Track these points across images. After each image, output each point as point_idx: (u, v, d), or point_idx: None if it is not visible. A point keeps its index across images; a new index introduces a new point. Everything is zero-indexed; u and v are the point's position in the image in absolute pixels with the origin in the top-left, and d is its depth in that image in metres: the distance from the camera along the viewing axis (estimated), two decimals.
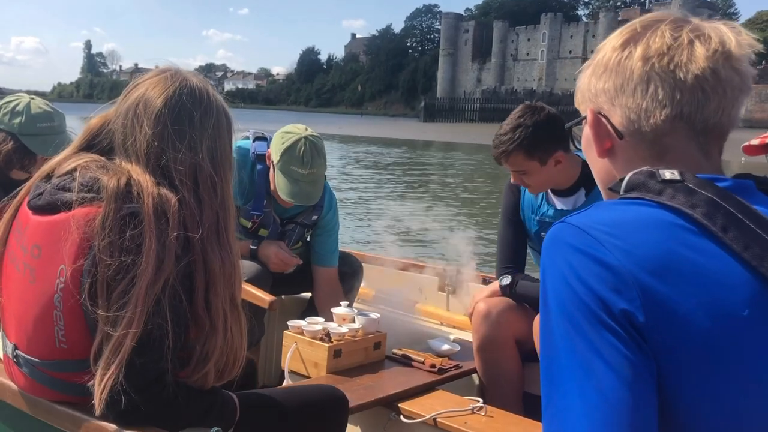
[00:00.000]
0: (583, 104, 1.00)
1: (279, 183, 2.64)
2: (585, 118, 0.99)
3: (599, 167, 1.00)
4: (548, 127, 2.36)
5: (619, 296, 0.78)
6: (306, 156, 2.59)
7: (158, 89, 1.40)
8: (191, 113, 1.40)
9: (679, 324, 0.78)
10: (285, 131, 2.69)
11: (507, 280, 2.52)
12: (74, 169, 1.39)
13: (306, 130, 2.69)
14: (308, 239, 2.97)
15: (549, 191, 2.54)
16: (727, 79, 0.88)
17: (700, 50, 0.88)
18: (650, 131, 0.91)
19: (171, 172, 1.37)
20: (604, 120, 0.95)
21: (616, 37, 0.95)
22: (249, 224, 2.80)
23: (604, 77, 0.94)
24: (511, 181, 2.53)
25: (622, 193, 0.90)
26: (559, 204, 2.52)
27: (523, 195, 2.63)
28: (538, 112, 2.40)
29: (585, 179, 2.47)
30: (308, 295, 3.00)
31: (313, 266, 2.91)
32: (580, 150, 1.05)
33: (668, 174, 0.86)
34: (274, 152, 2.65)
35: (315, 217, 2.88)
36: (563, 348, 0.80)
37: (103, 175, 1.35)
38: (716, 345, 0.78)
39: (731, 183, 0.87)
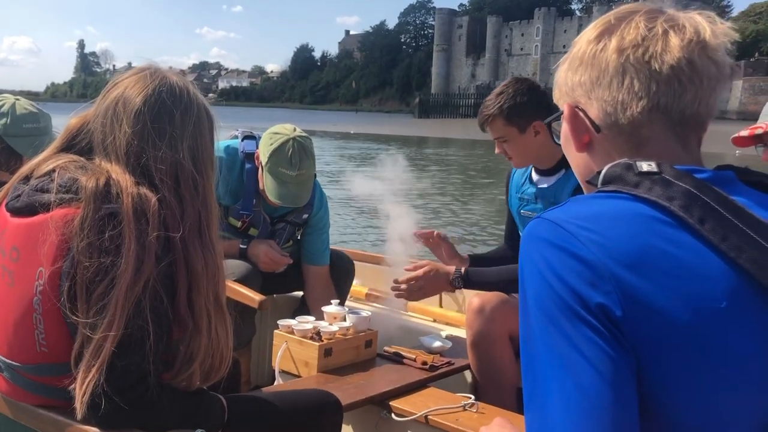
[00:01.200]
0: (561, 99, 0.99)
1: (267, 184, 2.62)
2: (563, 112, 0.98)
3: (578, 162, 0.99)
4: (528, 95, 2.44)
5: (595, 290, 0.77)
6: (294, 157, 2.57)
7: (137, 87, 1.39)
8: (171, 111, 1.38)
9: (656, 317, 0.77)
10: (273, 132, 2.66)
11: (458, 281, 2.48)
12: (53, 170, 1.37)
13: (294, 130, 2.67)
14: (299, 238, 2.95)
15: (533, 171, 2.58)
16: (703, 69, 0.87)
17: (674, 40, 0.87)
18: (627, 123, 0.90)
19: (151, 171, 1.35)
20: (581, 114, 0.95)
21: (591, 30, 0.94)
22: (239, 224, 2.78)
23: (580, 70, 0.94)
24: (496, 151, 2.56)
25: (599, 186, 0.89)
26: (539, 182, 2.56)
27: (511, 178, 2.71)
28: (522, 82, 2.51)
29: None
30: (300, 294, 2.98)
31: (304, 265, 2.89)
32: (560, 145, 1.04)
33: (645, 166, 0.85)
34: (263, 153, 2.63)
35: (305, 216, 2.86)
36: (542, 343, 0.80)
37: (81, 175, 1.33)
38: (695, 338, 0.77)
39: (710, 174, 0.86)
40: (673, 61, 0.86)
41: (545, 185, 2.52)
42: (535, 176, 2.59)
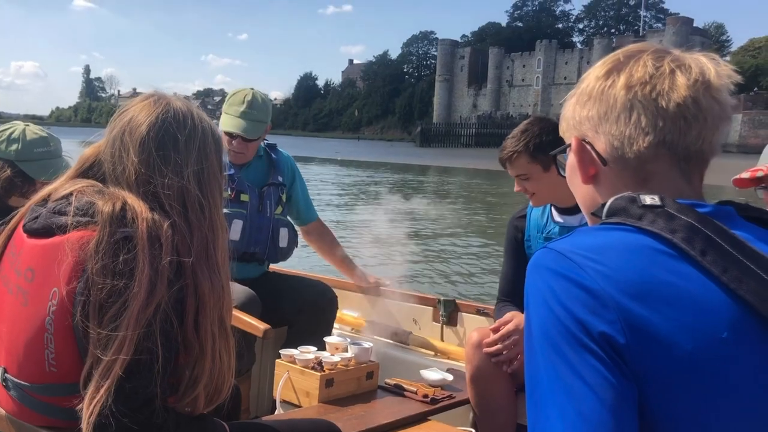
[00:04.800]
0: (567, 132, 1.02)
1: (222, 121, 2.96)
2: (570, 145, 1.01)
3: (583, 193, 1.02)
4: (554, 134, 2.41)
5: (599, 319, 0.79)
6: (248, 98, 2.94)
7: (142, 116, 1.42)
8: (175, 138, 1.41)
9: (659, 347, 0.79)
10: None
11: None
12: (70, 194, 1.40)
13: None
14: (284, 201, 3.14)
15: (553, 210, 2.55)
16: (708, 108, 0.91)
17: (681, 79, 0.91)
18: (634, 158, 0.94)
19: (161, 198, 1.38)
20: (588, 147, 0.98)
21: (600, 67, 0.98)
22: (228, 193, 2.94)
23: (588, 105, 0.97)
24: (515, 189, 2.53)
25: (603, 218, 0.92)
26: (567, 221, 2.50)
27: (528, 221, 2.62)
28: (546, 120, 2.51)
29: None
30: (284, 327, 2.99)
31: (303, 228, 3.26)
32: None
33: (649, 199, 0.88)
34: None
35: (280, 178, 3.11)
36: (545, 371, 0.82)
37: (98, 199, 1.36)
38: (697, 367, 0.79)
39: (711, 209, 0.89)
40: (680, 99, 0.90)
41: (576, 223, 2.46)
42: (557, 215, 2.54)
